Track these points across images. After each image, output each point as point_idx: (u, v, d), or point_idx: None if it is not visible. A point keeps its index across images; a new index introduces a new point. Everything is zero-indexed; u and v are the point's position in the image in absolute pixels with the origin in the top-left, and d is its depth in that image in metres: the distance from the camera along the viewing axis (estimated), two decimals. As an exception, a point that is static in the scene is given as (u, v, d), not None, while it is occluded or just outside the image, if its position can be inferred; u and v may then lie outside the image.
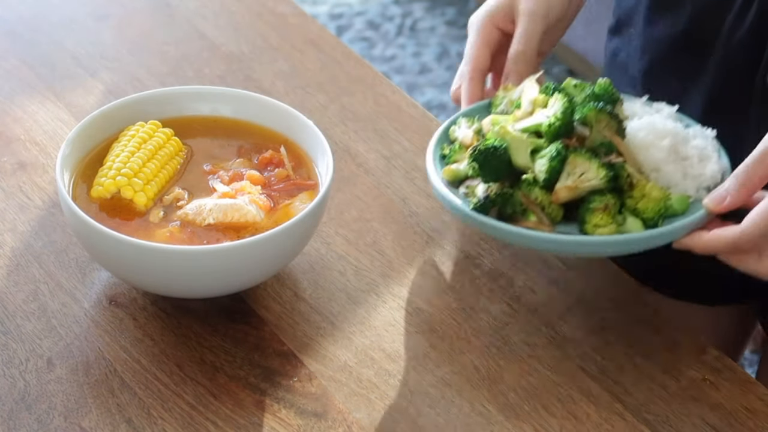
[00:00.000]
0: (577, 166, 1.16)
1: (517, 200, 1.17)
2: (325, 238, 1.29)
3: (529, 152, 1.18)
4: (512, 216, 1.17)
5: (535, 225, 1.16)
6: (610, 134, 1.19)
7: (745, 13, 1.29)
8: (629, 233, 1.15)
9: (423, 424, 1.12)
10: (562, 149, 1.17)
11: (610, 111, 1.19)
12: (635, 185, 1.16)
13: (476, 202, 1.17)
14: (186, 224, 1.19)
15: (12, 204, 1.31)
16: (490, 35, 1.36)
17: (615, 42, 1.47)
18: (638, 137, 1.20)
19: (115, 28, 1.59)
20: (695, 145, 1.22)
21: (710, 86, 1.34)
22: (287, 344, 1.19)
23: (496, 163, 1.17)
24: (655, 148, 1.19)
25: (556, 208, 1.17)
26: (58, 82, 1.48)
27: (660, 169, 1.19)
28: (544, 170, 1.17)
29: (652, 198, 1.16)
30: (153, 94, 1.29)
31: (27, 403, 1.11)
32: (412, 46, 3.32)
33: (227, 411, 1.12)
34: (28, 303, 1.21)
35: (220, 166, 1.26)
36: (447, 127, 1.29)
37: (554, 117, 1.19)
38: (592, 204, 1.15)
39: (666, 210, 1.16)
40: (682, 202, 1.17)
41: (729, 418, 1.14)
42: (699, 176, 1.20)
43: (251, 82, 1.51)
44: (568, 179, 1.16)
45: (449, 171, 1.23)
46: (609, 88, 1.24)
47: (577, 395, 1.15)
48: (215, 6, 1.63)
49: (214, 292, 1.19)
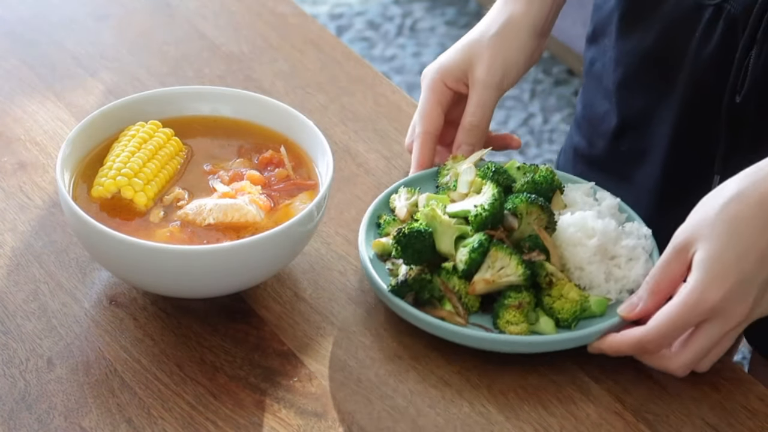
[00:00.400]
0: (498, 260, 1.17)
1: (436, 286, 1.18)
2: (325, 238, 1.29)
3: (453, 239, 1.19)
4: (429, 301, 1.18)
5: (448, 315, 1.16)
6: (538, 228, 1.19)
7: (711, 31, 1.28)
8: (538, 335, 1.15)
9: (423, 424, 1.12)
10: (485, 241, 1.17)
11: (541, 204, 1.19)
12: (554, 284, 1.17)
13: (393, 285, 1.17)
14: (186, 224, 1.19)
15: (12, 204, 1.31)
16: (442, 95, 1.35)
17: (592, 51, 1.46)
18: (567, 233, 1.20)
19: (115, 28, 1.59)
20: (625, 245, 1.21)
21: (680, 103, 1.33)
22: (287, 344, 1.19)
23: (419, 246, 1.17)
24: (582, 247, 1.19)
25: (473, 298, 1.17)
26: (58, 82, 1.48)
27: (584, 269, 1.19)
28: (464, 260, 1.17)
29: (569, 299, 1.16)
30: (153, 94, 1.29)
31: (27, 402, 1.11)
32: (412, 46, 3.32)
33: (227, 411, 1.12)
34: (28, 303, 1.21)
35: (220, 166, 1.26)
36: (389, 194, 1.29)
37: (481, 207, 1.19)
38: (506, 300, 1.16)
39: (583, 312, 1.16)
40: (601, 304, 1.18)
41: (729, 418, 1.14)
42: (623, 278, 1.20)
43: (251, 82, 1.51)
44: (487, 272, 1.17)
45: (378, 244, 1.23)
46: (550, 176, 1.25)
47: (577, 395, 1.15)
48: (215, 6, 1.64)
49: (214, 292, 1.19)
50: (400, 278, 1.17)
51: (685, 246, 1.12)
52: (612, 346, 1.14)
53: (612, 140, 1.43)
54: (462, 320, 1.16)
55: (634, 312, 1.15)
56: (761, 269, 1.09)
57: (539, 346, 1.15)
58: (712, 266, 1.09)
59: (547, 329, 1.16)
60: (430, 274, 1.18)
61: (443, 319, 1.16)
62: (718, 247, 1.09)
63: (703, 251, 1.10)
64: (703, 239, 1.10)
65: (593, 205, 1.27)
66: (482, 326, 1.16)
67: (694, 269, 1.10)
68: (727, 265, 1.08)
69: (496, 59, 1.34)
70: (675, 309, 1.10)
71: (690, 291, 1.09)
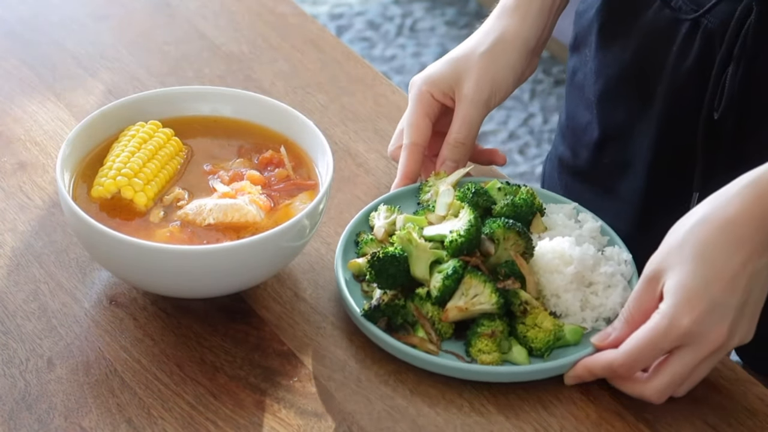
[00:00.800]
0: (472, 288, 1.15)
1: (409, 311, 1.16)
2: (325, 238, 1.29)
3: (428, 264, 1.17)
4: (403, 326, 1.17)
5: (420, 341, 1.15)
6: (515, 254, 1.18)
7: (689, 46, 1.28)
8: (510, 365, 1.14)
9: (423, 424, 1.12)
10: (459, 268, 1.16)
11: (518, 229, 1.18)
12: (529, 312, 1.16)
13: (366, 309, 1.16)
14: (186, 224, 1.19)
15: (12, 204, 1.31)
16: (429, 106, 1.33)
17: (574, 60, 1.45)
18: (545, 259, 1.19)
19: (115, 28, 1.59)
20: (604, 271, 1.20)
21: (660, 117, 1.32)
22: (287, 344, 1.19)
23: (393, 271, 1.16)
24: (558, 274, 1.18)
25: (447, 324, 1.16)
26: (58, 82, 1.48)
27: (560, 296, 1.18)
28: (437, 287, 1.16)
29: (544, 328, 1.15)
30: (153, 94, 1.29)
31: (27, 402, 1.11)
32: (412, 46, 3.32)
33: (227, 411, 1.12)
34: (28, 303, 1.21)
35: (220, 166, 1.26)
36: (368, 211, 1.28)
37: (457, 234, 1.17)
38: (479, 328, 1.15)
39: (557, 341, 1.15)
40: (576, 333, 1.17)
41: (729, 418, 1.14)
42: (600, 306, 1.19)
43: (251, 82, 1.51)
44: (461, 300, 1.16)
45: (355, 264, 1.22)
46: (530, 198, 1.23)
47: (577, 395, 1.15)
48: (215, 6, 1.64)
49: (214, 292, 1.19)
50: (373, 303, 1.16)
51: (655, 276, 1.11)
52: (586, 365, 1.13)
53: (595, 151, 1.42)
54: (434, 347, 1.15)
55: (607, 341, 1.14)
56: (733, 293, 1.08)
57: (510, 377, 1.14)
58: (682, 292, 1.08)
59: (519, 359, 1.15)
60: (404, 299, 1.17)
61: (415, 346, 1.15)
62: (687, 273, 1.08)
63: (672, 279, 1.09)
64: (672, 267, 1.09)
65: (574, 228, 1.25)
66: (455, 354, 1.15)
67: (665, 297, 1.09)
68: (696, 291, 1.08)
69: (484, 77, 1.32)
70: (645, 334, 1.09)
71: (660, 317, 1.09)
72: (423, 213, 1.25)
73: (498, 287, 1.15)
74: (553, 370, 1.14)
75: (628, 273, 1.22)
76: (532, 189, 1.26)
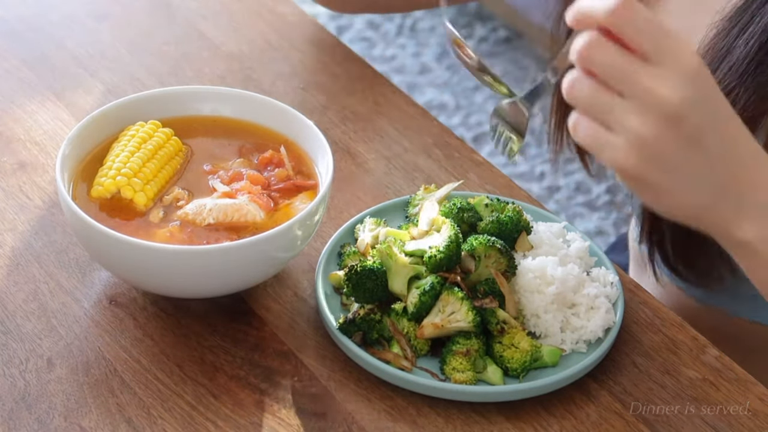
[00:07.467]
0: (449, 305, 1.14)
1: (385, 326, 1.16)
2: (325, 238, 1.29)
3: (407, 279, 1.16)
4: (378, 341, 1.16)
5: (395, 357, 1.14)
6: (495, 272, 1.16)
7: None
8: (484, 384, 1.13)
9: (423, 424, 1.12)
10: (437, 284, 1.15)
11: (500, 247, 1.17)
12: (506, 332, 1.14)
13: (341, 323, 1.16)
14: (186, 224, 1.19)
15: (12, 204, 1.31)
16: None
17: None
18: (526, 278, 1.17)
19: (115, 28, 1.59)
20: (587, 293, 1.18)
21: None
22: (287, 344, 1.19)
23: (370, 285, 1.15)
24: (539, 294, 1.17)
25: (422, 341, 1.15)
26: (58, 82, 1.48)
27: (540, 316, 1.17)
28: (414, 303, 1.15)
29: (520, 348, 1.14)
30: (153, 94, 1.29)
31: (27, 402, 1.11)
32: (412, 46, 3.32)
33: (227, 411, 1.12)
34: (28, 303, 1.21)
35: (220, 166, 1.26)
36: (354, 223, 1.27)
37: (436, 249, 1.16)
38: (454, 346, 1.13)
39: (534, 362, 1.14)
40: (554, 354, 1.15)
41: (729, 418, 1.14)
42: (581, 328, 1.17)
43: (251, 82, 1.50)
44: (437, 316, 1.14)
45: (335, 276, 1.21)
46: (516, 216, 1.21)
47: (577, 395, 1.15)
48: (215, 6, 1.63)
49: (214, 292, 1.19)
50: (348, 316, 1.15)
51: None
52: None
53: None
54: (408, 364, 1.14)
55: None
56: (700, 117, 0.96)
57: (483, 396, 1.13)
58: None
59: (493, 379, 1.13)
60: (381, 314, 1.16)
61: (389, 362, 1.14)
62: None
63: None
64: None
65: (561, 247, 1.23)
66: (429, 371, 1.14)
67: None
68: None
69: None
70: None
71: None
72: (407, 227, 1.24)
73: (475, 305, 1.14)
74: (529, 391, 1.13)
75: (614, 295, 1.20)
76: (519, 207, 1.23)
